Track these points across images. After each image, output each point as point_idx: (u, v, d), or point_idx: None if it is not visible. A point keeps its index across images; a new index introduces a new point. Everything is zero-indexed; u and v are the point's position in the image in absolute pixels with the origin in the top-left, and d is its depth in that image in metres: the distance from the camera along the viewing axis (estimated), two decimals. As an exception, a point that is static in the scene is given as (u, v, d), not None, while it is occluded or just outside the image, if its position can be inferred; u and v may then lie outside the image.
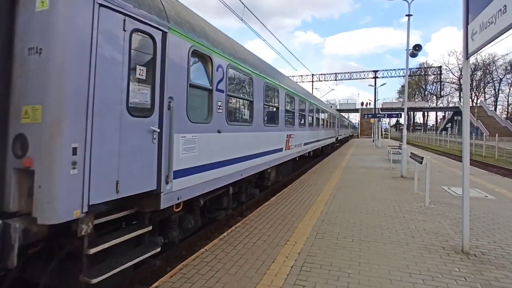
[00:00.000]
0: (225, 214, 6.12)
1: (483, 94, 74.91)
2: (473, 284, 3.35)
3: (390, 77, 65.77)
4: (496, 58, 69.03)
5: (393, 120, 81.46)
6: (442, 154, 24.94)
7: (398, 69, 64.94)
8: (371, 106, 53.38)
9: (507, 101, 72.10)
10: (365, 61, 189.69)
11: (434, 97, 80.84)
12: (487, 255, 4.11)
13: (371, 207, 6.51)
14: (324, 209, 6.32)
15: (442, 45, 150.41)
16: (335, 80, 68.93)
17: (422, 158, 7.61)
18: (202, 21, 5.05)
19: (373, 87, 50.88)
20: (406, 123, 22.85)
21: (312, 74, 68.72)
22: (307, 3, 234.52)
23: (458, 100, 68.95)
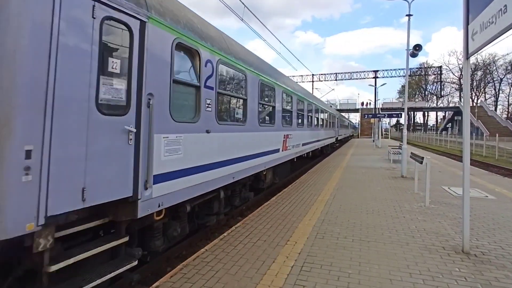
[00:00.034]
0: (216, 220, 5.74)
1: (483, 94, 75.09)
2: (474, 284, 3.35)
3: (390, 77, 65.83)
4: (496, 58, 69.22)
5: (393, 120, 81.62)
6: (442, 154, 24.93)
7: (398, 69, 65.22)
8: (371, 106, 53.47)
9: (508, 101, 72.23)
10: (366, 61, 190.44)
11: (435, 97, 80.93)
12: (487, 255, 4.11)
13: (372, 207, 6.51)
14: (325, 209, 6.32)
15: (442, 45, 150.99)
16: (335, 80, 69.03)
17: (422, 158, 7.61)
18: (189, 12, 4.67)
19: (373, 87, 50.99)
20: (406, 123, 22.87)
21: (312, 74, 68.75)
22: (307, 3, 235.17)
23: (459, 100, 69.03)
